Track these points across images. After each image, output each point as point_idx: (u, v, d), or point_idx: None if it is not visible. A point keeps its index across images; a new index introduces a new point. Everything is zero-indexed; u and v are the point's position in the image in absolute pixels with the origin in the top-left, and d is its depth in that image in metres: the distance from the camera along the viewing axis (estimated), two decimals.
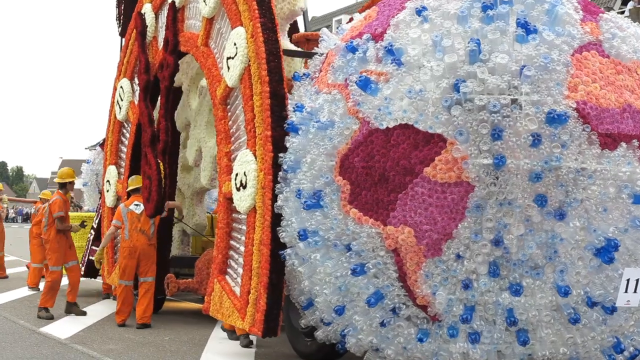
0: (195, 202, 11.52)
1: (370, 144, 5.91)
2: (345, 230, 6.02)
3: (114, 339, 8.68)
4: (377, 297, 5.92)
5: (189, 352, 7.97)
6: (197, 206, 11.52)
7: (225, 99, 7.80)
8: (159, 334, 9.08)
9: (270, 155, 6.62)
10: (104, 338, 8.77)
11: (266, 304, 6.59)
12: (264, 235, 6.60)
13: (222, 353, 7.89)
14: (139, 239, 9.51)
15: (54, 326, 9.60)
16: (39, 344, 8.35)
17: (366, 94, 5.96)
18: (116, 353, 7.82)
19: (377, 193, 5.86)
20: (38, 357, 7.63)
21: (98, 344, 8.37)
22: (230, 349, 8.09)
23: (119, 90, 11.18)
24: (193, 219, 11.53)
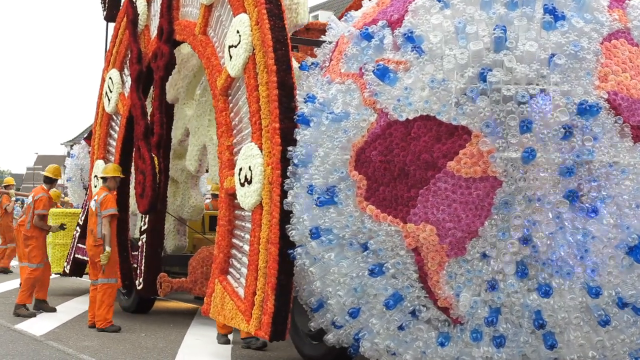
0: (190, 185, 11.17)
1: (388, 136, 5.57)
2: (361, 228, 5.68)
3: (89, 336, 8.68)
4: (396, 299, 5.60)
5: (165, 349, 7.99)
6: (192, 189, 11.16)
7: (226, 90, 7.42)
8: (135, 331, 9.10)
9: (279, 149, 6.26)
10: (80, 335, 8.75)
11: (274, 306, 6.24)
12: (272, 233, 6.24)
13: (199, 350, 7.89)
14: (88, 239, 9.11)
15: (29, 323, 9.50)
16: (14, 341, 8.26)
17: (384, 84, 5.62)
18: (92, 350, 7.81)
19: (397, 189, 5.53)
20: (13, 354, 7.51)
21: (74, 340, 8.36)
22: (206, 346, 8.11)
23: (107, 81, 10.74)
24: (189, 202, 11.15)
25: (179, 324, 9.73)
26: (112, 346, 8.07)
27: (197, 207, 11.15)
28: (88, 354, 7.59)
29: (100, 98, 11.15)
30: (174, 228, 11.22)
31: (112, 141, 10.86)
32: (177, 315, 10.52)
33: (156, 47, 9.00)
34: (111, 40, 10.89)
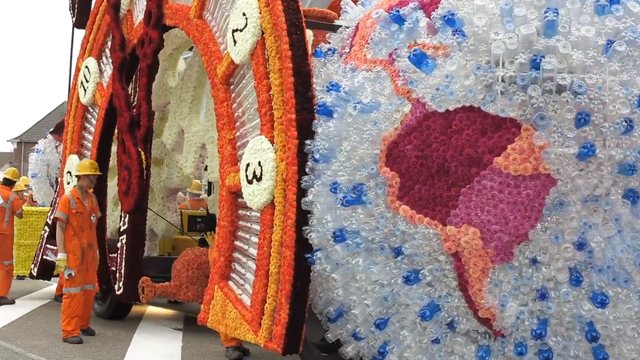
0: (166, 201, 10.40)
1: (426, 129, 5.03)
2: (393, 231, 5.12)
3: (38, 335, 8.54)
4: (432, 309, 5.06)
5: (114, 348, 7.93)
6: (168, 206, 10.40)
7: (227, 78, 6.79)
8: None
9: (295, 142, 5.66)
10: (28, 334, 8.60)
11: (288, 315, 5.64)
12: (287, 235, 5.63)
13: (147, 349, 7.81)
14: None
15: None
16: None
17: (421, 71, 5.07)
18: (40, 349, 7.70)
19: (435, 187, 4.99)
20: None
21: (22, 339, 8.22)
22: (155, 345, 8.09)
23: (83, 70, 9.98)
24: (163, 221, 10.45)
25: (128, 323, 9.60)
26: (61, 345, 7.96)
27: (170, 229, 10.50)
28: (37, 353, 7.47)
29: (74, 88, 10.38)
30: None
31: (88, 134, 10.10)
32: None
33: (143, 33, 8.31)
34: (87, 26, 10.13)
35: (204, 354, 7.72)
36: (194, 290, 9.06)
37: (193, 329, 8.97)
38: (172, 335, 8.83)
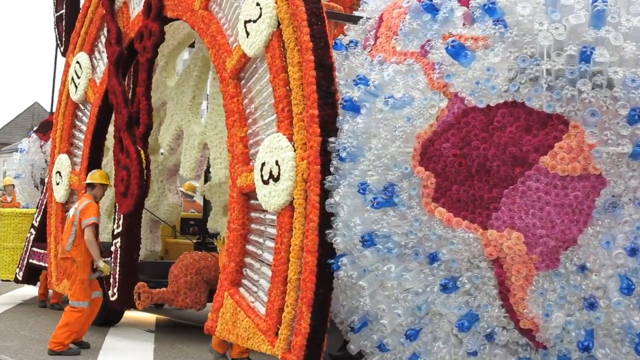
0: (166, 183, 9.96)
1: (465, 126, 4.69)
2: (429, 235, 4.77)
3: (9, 336, 8.43)
4: (471, 319, 4.71)
5: (87, 349, 7.84)
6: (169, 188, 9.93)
7: (238, 73, 6.39)
8: None
9: (318, 140, 5.28)
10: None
11: (310, 325, 5.26)
12: (309, 240, 5.25)
13: (120, 350, 7.72)
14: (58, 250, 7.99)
15: None
16: None
17: (459, 64, 4.73)
18: (12, 350, 7.60)
19: (474, 188, 4.65)
20: None
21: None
22: (127, 346, 8.05)
23: (74, 66, 9.53)
24: (165, 202, 9.98)
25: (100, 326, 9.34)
26: (33, 347, 7.87)
27: (174, 206, 10.01)
28: (8, 354, 7.37)
29: (63, 85, 9.92)
30: (147, 225, 10.01)
31: (79, 133, 9.65)
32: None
33: (142, 26, 7.88)
34: (78, 19, 9.68)
35: (176, 356, 7.70)
36: (192, 296, 8.65)
37: (165, 331, 8.76)
38: (144, 337, 8.57)
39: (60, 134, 9.79)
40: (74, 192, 9.55)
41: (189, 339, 9.04)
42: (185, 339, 8.72)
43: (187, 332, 9.67)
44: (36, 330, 8.94)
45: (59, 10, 11.30)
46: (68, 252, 7.82)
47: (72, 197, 9.59)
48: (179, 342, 8.43)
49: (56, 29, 11.46)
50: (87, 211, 7.89)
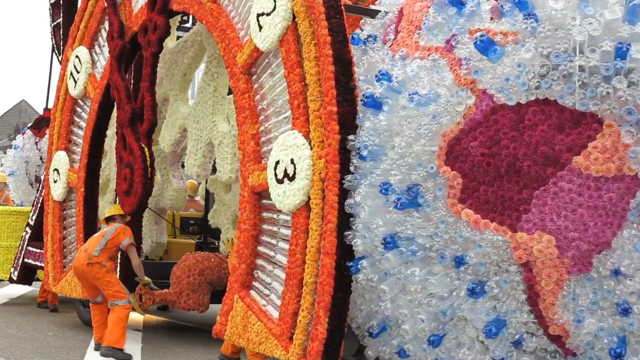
0: (170, 169, 9.70)
1: (493, 124, 4.50)
2: (455, 238, 4.58)
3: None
4: (499, 325, 4.52)
5: (74, 348, 7.89)
6: (173, 172, 9.67)
7: (249, 68, 6.19)
8: (43, 330, 8.98)
9: (337, 138, 5.08)
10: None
11: (327, 330, 5.06)
12: (328, 241, 5.05)
13: None
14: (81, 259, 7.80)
15: None
16: None
17: (487, 60, 4.55)
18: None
19: (503, 189, 4.46)
20: None
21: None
22: None
23: (73, 60, 9.28)
24: (169, 187, 9.74)
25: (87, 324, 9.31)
26: (20, 345, 7.91)
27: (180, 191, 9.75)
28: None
29: (61, 80, 9.66)
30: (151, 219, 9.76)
31: (77, 129, 9.40)
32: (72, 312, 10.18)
33: (146, 19, 7.66)
34: (77, 12, 9.44)
35: (164, 355, 7.71)
36: (195, 298, 8.47)
37: (152, 330, 8.67)
38: (131, 336, 8.40)
39: (58, 131, 9.54)
40: (72, 190, 9.30)
41: (176, 338, 8.98)
42: (173, 338, 8.79)
43: (175, 332, 9.58)
44: (23, 329, 8.93)
45: (55, 19, 11.12)
46: (95, 257, 7.67)
47: (71, 195, 9.35)
48: (167, 342, 8.46)
49: (53, 38, 11.30)
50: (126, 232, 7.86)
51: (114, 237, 7.80)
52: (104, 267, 7.70)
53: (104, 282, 7.66)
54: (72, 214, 9.34)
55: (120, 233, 7.82)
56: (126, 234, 7.86)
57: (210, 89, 8.06)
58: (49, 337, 8.52)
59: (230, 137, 7.54)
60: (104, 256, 7.73)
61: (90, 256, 7.70)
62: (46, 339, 8.37)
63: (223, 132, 7.68)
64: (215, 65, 8.09)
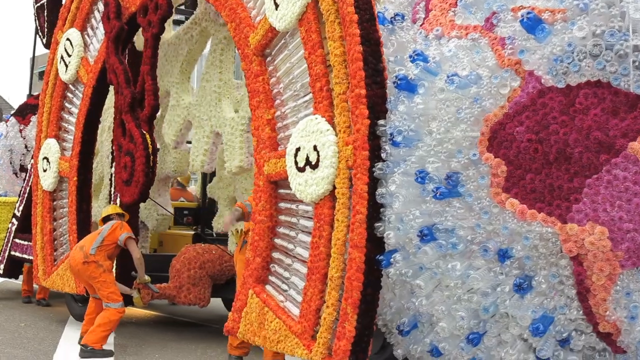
0: (158, 192, 9.25)
1: (541, 108, 4.20)
2: (499, 229, 4.28)
3: None
4: (546, 322, 4.24)
5: (46, 339, 7.87)
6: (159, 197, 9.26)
7: (263, 49, 5.83)
8: (14, 320, 8.96)
9: (366, 123, 4.75)
10: None
11: (355, 328, 4.74)
12: (357, 234, 4.72)
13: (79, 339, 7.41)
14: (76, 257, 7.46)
15: None
16: None
17: (534, 39, 4.24)
18: None
19: (552, 177, 4.17)
20: None
21: None
22: None
23: (63, 44, 8.84)
24: (154, 215, 9.35)
25: (59, 314, 9.49)
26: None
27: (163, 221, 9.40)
28: None
29: (50, 64, 9.21)
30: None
31: (68, 116, 8.97)
32: (57, 306, 10.11)
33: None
34: None
35: (137, 345, 7.73)
36: (196, 292, 8.13)
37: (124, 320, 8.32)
38: None
39: (47, 117, 9.10)
40: (63, 180, 8.88)
41: (149, 327, 8.87)
42: (145, 327, 8.81)
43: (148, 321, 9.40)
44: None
45: (39, 1, 10.63)
46: (92, 256, 7.33)
47: (62, 185, 8.93)
48: (139, 331, 8.47)
49: (37, 20, 10.81)
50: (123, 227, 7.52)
51: (111, 233, 7.45)
52: (100, 266, 7.37)
53: (100, 282, 7.33)
54: (63, 204, 8.93)
55: (117, 228, 7.47)
56: (123, 229, 7.50)
57: (216, 75, 7.64)
58: (20, 327, 8.45)
59: (238, 124, 7.15)
60: (101, 255, 7.41)
61: (86, 255, 7.38)
62: (18, 329, 8.30)
63: (230, 118, 7.31)
64: (220, 51, 7.69)
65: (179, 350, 7.62)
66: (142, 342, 7.97)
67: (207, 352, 7.63)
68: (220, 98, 7.54)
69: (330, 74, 5.12)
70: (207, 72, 7.72)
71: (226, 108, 7.44)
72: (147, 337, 8.27)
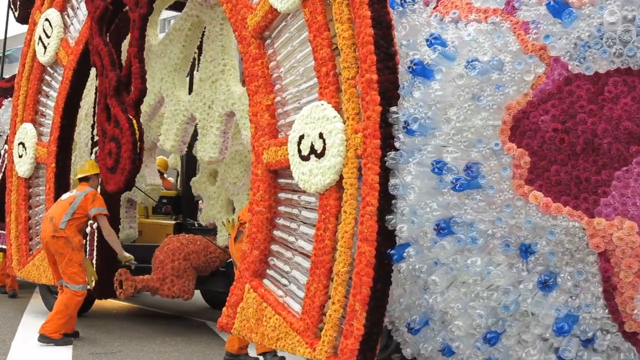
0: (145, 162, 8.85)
1: (568, 96, 3.99)
2: (521, 223, 4.06)
3: None
4: (571, 321, 4.04)
5: (4, 327, 7.85)
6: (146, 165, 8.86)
7: (262, 31, 5.53)
8: None
9: (378, 110, 4.49)
10: None
11: (364, 326, 4.50)
12: (367, 226, 4.47)
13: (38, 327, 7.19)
14: (47, 229, 7.22)
15: None
16: None
17: (561, 23, 4.02)
18: None
19: (579, 169, 3.96)
20: None
21: None
22: None
23: (42, 24, 8.43)
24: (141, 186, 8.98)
25: (17, 302, 9.57)
26: None
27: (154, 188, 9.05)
28: None
29: (27, 45, 8.80)
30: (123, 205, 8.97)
31: (46, 100, 8.58)
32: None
33: None
34: None
35: (95, 332, 7.69)
36: (180, 284, 7.84)
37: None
38: None
39: (23, 101, 8.70)
40: (40, 166, 8.50)
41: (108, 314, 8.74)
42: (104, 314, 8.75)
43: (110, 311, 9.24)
44: None
45: None
46: (62, 231, 7.08)
47: (38, 171, 8.55)
48: (99, 319, 8.42)
49: None
50: (98, 200, 7.25)
51: (82, 204, 7.19)
52: (70, 243, 7.14)
53: (66, 260, 7.09)
54: (39, 192, 8.56)
55: (89, 200, 7.18)
56: (95, 202, 7.22)
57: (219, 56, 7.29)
58: None
59: None
60: (71, 229, 7.16)
61: (56, 228, 7.12)
62: None
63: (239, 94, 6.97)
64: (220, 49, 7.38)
65: (139, 339, 7.51)
66: (102, 331, 7.85)
67: (166, 340, 7.55)
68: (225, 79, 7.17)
69: (336, 57, 4.85)
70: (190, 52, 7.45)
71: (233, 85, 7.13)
72: (109, 327, 8.16)
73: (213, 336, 7.80)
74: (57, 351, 6.78)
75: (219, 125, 7.19)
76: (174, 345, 7.34)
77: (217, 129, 7.19)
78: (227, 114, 7.18)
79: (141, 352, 6.97)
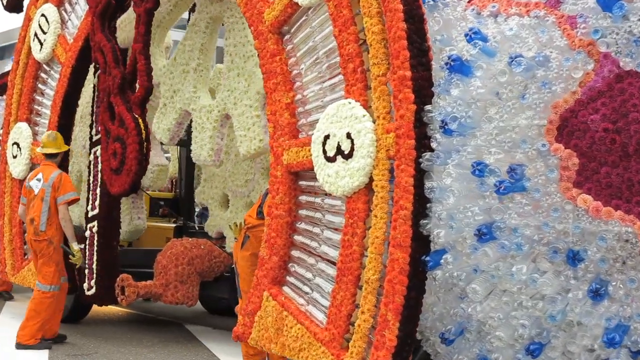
0: None
1: (619, 94, 3.78)
2: (569, 229, 3.84)
3: None
4: (622, 331, 3.82)
5: None
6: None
7: (280, 26, 5.28)
8: None
9: (412, 108, 4.25)
10: None
11: (397, 336, 4.26)
12: (400, 231, 4.23)
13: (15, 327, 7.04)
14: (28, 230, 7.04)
15: None
16: None
17: (611, 17, 3.81)
18: None
19: (631, 171, 3.75)
20: None
21: None
22: None
23: (38, 20, 8.12)
24: None
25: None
26: None
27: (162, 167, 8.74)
28: None
29: (21, 42, 8.48)
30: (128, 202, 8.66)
31: (42, 98, 8.28)
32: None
33: None
34: None
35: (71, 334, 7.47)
36: (184, 290, 7.56)
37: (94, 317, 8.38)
38: None
39: (18, 99, 8.39)
40: (35, 167, 8.18)
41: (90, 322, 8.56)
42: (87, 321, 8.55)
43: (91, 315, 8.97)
44: None
45: None
46: (43, 233, 6.88)
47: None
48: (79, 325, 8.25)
49: None
50: (62, 185, 6.96)
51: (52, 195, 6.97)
52: (51, 243, 6.96)
53: (45, 259, 6.90)
54: None
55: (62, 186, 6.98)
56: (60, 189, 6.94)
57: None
58: None
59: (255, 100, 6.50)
60: (51, 229, 6.97)
61: (37, 231, 6.92)
62: None
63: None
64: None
65: (116, 341, 7.41)
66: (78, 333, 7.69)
67: (143, 342, 7.42)
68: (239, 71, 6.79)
69: (364, 53, 4.61)
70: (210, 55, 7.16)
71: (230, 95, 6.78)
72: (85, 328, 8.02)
73: (190, 338, 7.71)
74: (33, 354, 6.62)
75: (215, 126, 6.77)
76: (150, 347, 7.22)
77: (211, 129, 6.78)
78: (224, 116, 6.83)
79: (118, 353, 6.85)
